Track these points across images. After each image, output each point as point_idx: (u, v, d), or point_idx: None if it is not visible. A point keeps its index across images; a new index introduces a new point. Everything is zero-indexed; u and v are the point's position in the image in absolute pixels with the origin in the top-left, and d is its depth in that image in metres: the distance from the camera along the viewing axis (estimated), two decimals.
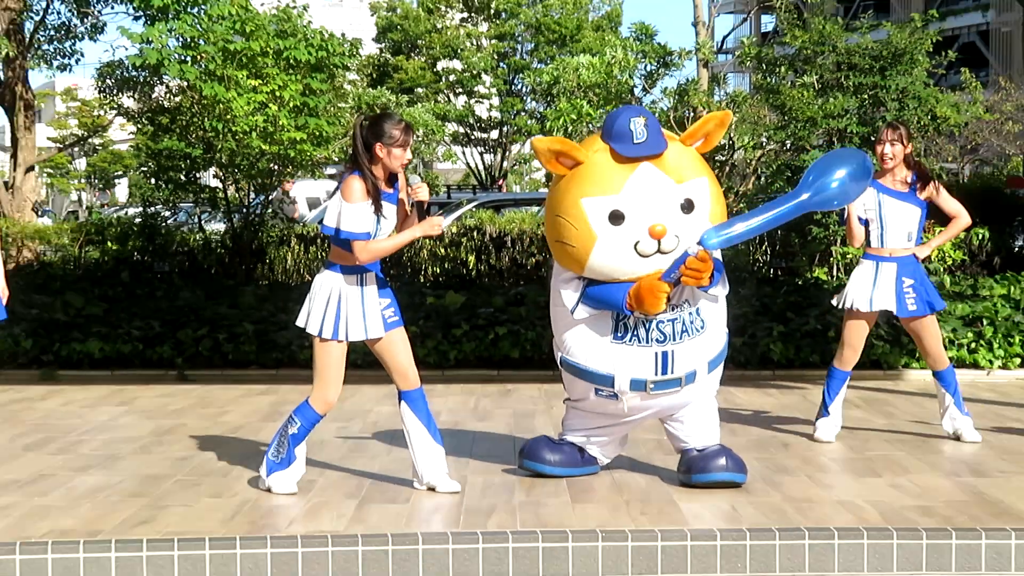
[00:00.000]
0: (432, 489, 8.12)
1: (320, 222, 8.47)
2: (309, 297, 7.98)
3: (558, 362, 8.49)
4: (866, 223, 9.87)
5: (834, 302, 10.14)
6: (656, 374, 8.05)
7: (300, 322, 8.01)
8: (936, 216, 10.24)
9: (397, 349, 8.10)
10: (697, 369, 8.14)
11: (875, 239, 9.88)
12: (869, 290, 9.76)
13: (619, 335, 8.08)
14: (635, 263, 7.85)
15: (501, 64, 47.50)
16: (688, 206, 7.83)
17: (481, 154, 50.10)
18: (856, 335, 9.96)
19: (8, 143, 25.35)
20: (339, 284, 7.89)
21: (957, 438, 10.00)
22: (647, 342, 8.03)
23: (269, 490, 8.09)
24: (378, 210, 7.74)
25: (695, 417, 8.35)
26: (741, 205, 19.01)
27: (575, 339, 8.27)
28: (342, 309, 7.85)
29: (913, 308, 9.76)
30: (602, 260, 7.92)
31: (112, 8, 24.96)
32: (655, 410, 8.33)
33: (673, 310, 7.98)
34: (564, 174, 8.09)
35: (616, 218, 7.82)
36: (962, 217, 10.09)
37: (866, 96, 18.40)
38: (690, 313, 8.07)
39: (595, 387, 8.23)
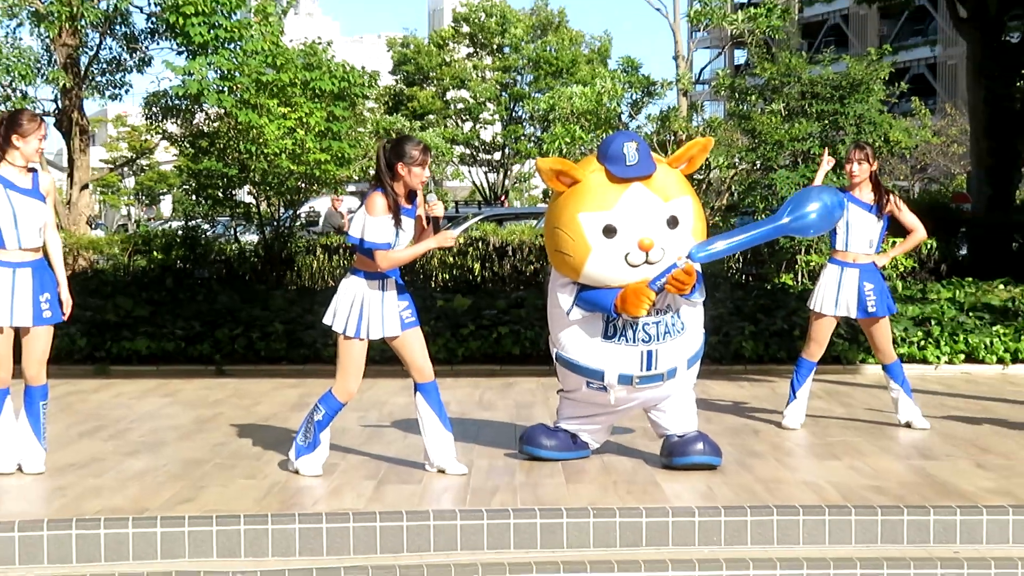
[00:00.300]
0: (442, 471, 8.13)
1: (346, 233, 8.48)
2: (335, 299, 7.99)
3: (553, 357, 8.49)
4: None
5: (809, 304, 10.14)
6: (641, 370, 8.08)
7: (327, 321, 8.02)
8: (895, 230, 10.22)
9: (413, 347, 8.13)
10: (678, 366, 8.17)
11: (840, 243, 9.89)
12: (835, 294, 9.78)
13: (609, 335, 8.10)
14: (625, 272, 7.87)
15: (503, 94, 47.54)
16: (673, 222, 7.86)
17: (485, 173, 50.16)
18: (822, 333, 9.99)
19: (65, 164, 25.32)
20: (362, 288, 7.91)
21: (908, 425, 10.01)
22: (634, 342, 8.05)
23: (297, 472, 8.10)
24: (398, 223, 7.77)
25: (675, 407, 8.37)
26: (716, 219, 19.02)
27: (569, 337, 8.29)
28: (364, 310, 7.87)
29: (872, 310, 9.78)
30: (596, 269, 7.94)
31: (158, 44, 24.98)
32: (639, 401, 8.38)
33: (657, 314, 8.01)
34: (563, 191, 8.11)
35: (609, 232, 7.85)
36: (919, 231, 10.11)
37: (827, 121, 18.43)
38: (672, 317, 8.09)
39: (587, 380, 8.25)
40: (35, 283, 7.87)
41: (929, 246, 17.62)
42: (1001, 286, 15.81)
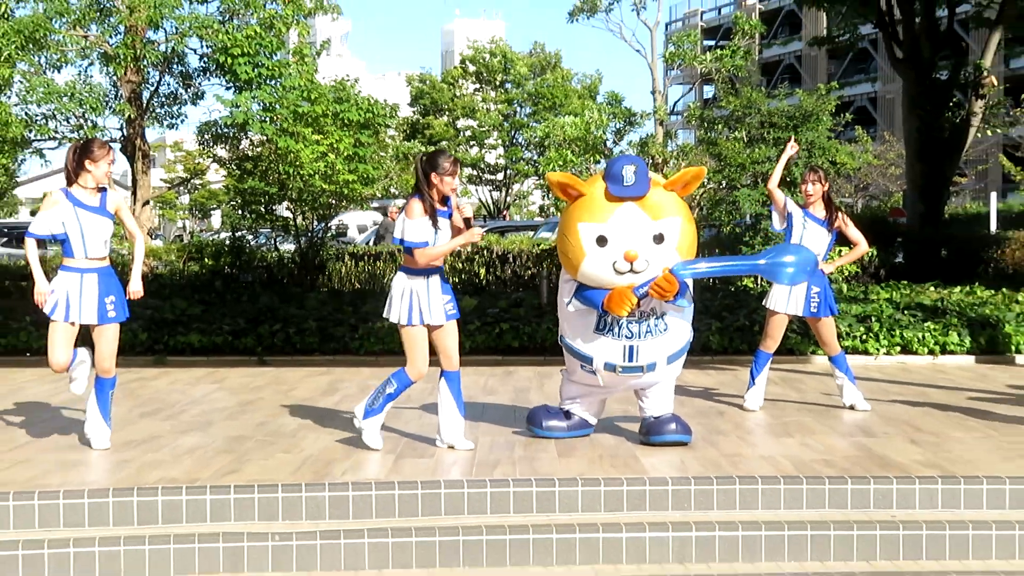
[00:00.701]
0: (451, 447, 8.15)
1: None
2: (389, 296, 8.08)
3: (559, 340, 8.62)
4: (787, 228, 9.96)
5: (764, 303, 10.14)
6: (623, 361, 8.12)
7: (386, 315, 8.10)
8: (843, 241, 10.23)
9: (449, 337, 8.18)
10: (657, 361, 8.15)
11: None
12: (787, 295, 9.78)
13: (600, 328, 8.15)
14: (613, 277, 7.91)
15: (505, 123, 47.55)
16: (659, 238, 7.89)
17: (490, 191, 50.19)
18: (776, 328, 9.99)
19: (130, 183, 25.35)
20: (410, 283, 7.98)
21: (852, 408, 10.01)
22: (618, 336, 8.09)
23: (360, 431, 8.12)
24: (435, 224, 7.88)
25: (656, 393, 8.39)
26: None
27: (570, 326, 8.42)
28: (414, 301, 7.94)
29: (815, 310, 9.82)
30: (589, 272, 8.00)
31: (209, 80, 25.00)
32: (625, 386, 8.43)
33: (640, 316, 8.04)
34: (570, 202, 8.21)
35: (601, 241, 7.91)
36: (862, 245, 10.19)
37: (782, 147, 18.43)
38: (656, 320, 8.10)
39: (581, 363, 8.32)
40: (100, 287, 7.94)
41: (870, 254, 17.63)
42: (931, 288, 15.82)
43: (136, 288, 8.19)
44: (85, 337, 8.10)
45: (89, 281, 7.92)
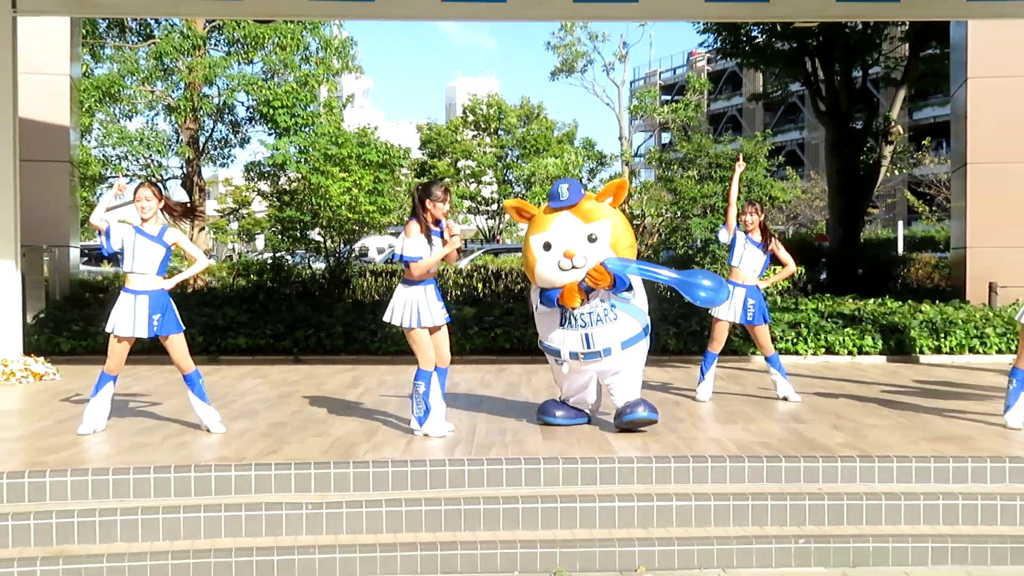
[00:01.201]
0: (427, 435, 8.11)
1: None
2: (392, 304, 8.06)
3: (539, 344, 8.62)
4: (732, 246, 10.03)
5: (710, 312, 10.16)
6: (583, 348, 8.11)
7: (386, 319, 8.06)
8: (776, 262, 10.24)
9: (442, 337, 8.18)
10: (611, 346, 8.09)
11: (735, 262, 10.03)
12: (727, 306, 9.82)
13: (562, 324, 8.16)
14: (559, 275, 8.02)
15: (498, 163, 47.51)
16: (592, 238, 8.00)
17: (485, 220, 50.14)
18: (719, 332, 10.03)
19: None
20: (410, 292, 7.97)
21: (785, 399, 10.01)
22: (576, 327, 8.09)
23: (427, 435, 8.03)
24: (430, 241, 7.92)
25: (621, 384, 8.29)
26: (649, 252, 19.05)
27: (541, 326, 8.43)
28: (416, 307, 7.93)
29: (751, 318, 9.90)
30: (541, 274, 8.13)
31: (254, 127, 25.08)
32: (592, 373, 8.32)
33: (590, 306, 8.05)
34: (525, 223, 8.41)
35: (547, 247, 8.06)
36: (790, 266, 10.24)
37: (727, 184, 18.46)
38: (604, 309, 8.07)
39: (555, 358, 8.32)
40: (150, 306, 7.99)
41: (800, 272, 17.66)
42: (850, 300, 15.83)
43: (167, 284, 8.19)
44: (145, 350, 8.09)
45: (141, 302, 7.97)
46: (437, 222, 8.02)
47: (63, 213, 15.95)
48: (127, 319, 7.95)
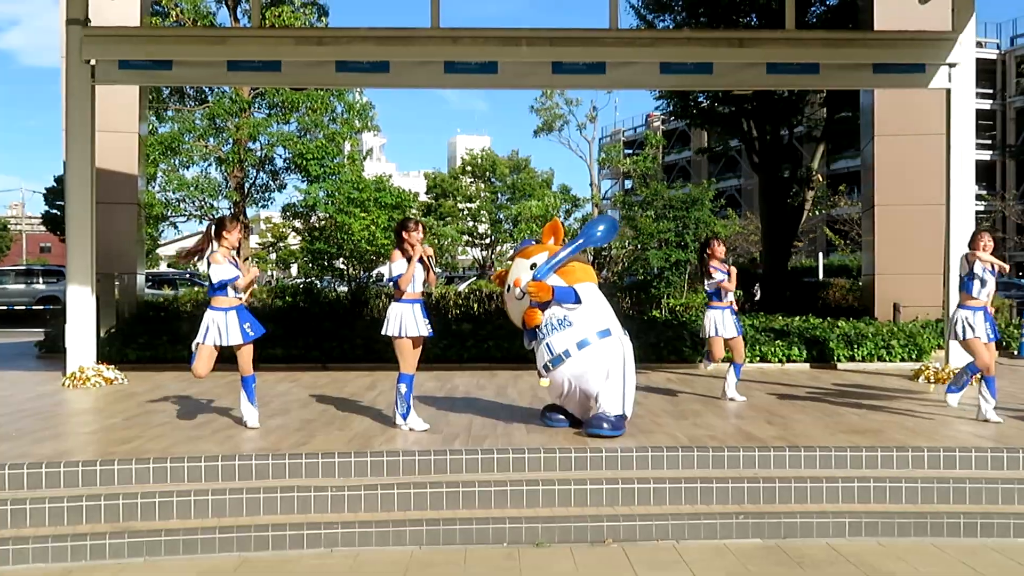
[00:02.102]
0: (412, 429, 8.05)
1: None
2: (386, 318, 8.01)
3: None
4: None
5: (702, 334, 10.14)
6: (548, 356, 7.89)
7: (384, 331, 8.01)
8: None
9: (419, 349, 8.12)
10: (568, 348, 7.83)
11: (717, 297, 9.99)
12: (720, 325, 9.89)
13: (539, 344, 8.02)
14: (517, 305, 8.12)
15: (492, 204, 47.50)
16: (532, 266, 8.03)
17: (480, 251, 50.10)
18: (717, 347, 9.98)
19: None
20: (400, 308, 7.95)
21: (732, 400, 9.96)
22: (541, 341, 7.97)
23: (411, 429, 7.98)
24: (410, 263, 7.92)
25: (602, 393, 7.84)
26: (615, 279, 19.04)
27: (534, 349, 8.19)
28: (403, 321, 7.90)
29: (734, 333, 9.93)
30: (509, 311, 8.36)
31: (289, 175, 25.10)
32: (568, 378, 7.90)
33: (545, 319, 7.93)
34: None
35: (508, 288, 8.21)
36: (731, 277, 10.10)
37: (679, 222, 18.49)
38: (559, 319, 7.89)
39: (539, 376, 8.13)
40: (240, 318, 8.05)
41: (738, 294, 17.64)
42: (780, 317, 15.81)
43: (246, 296, 8.26)
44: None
45: (232, 315, 8.02)
46: (412, 246, 7.99)
47: (131, 246, 15.89)
48: (221, 330, 7.99)
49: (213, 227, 8.15)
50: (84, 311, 11.59)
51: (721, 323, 9.93)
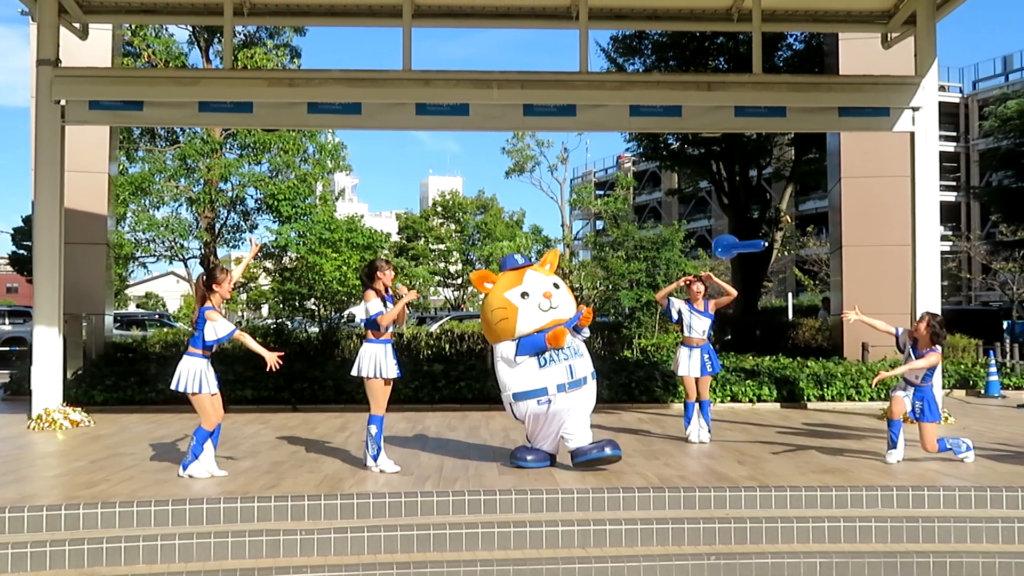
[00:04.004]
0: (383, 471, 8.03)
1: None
2: (358, 358, 8.00)
3: (510, 403, 8.14)
4: (679, 320, 10.02)
5: (676, 370, 10.15)
6: (568, 378, 7.98)
7: (355, 372, 8.00)
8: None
9: (390, 390, 8.11)
10: (587, 376, 8.09)
11: (686, 332, 9.98)
12: (688, 363, 9.90)
13: (542, 364, 7.97)
14: (540, 316, 7.96)
15: (462, 245, 47.56)
16: (556, 285, 8.11)
17: (452, 291, 50.06)
18: (689, 386, 9.98)
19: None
20: (374, 348, 7.97)
21: (702, 441, 9.95)
22: (560, 361, 7.96)
23: (383, 471, 7.94)
24: (384, 304, 7.99)
25: (576, 428, 8.08)
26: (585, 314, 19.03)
27: (518, 379, 8.03)
28: (376, 362, 7.92)
29: (710, 370, 9.93)
30: (524, 319, 7.97)
31: (261, 215, 25.02)
32: (569, 407, 8.01)
33: (568, 342, 8.01)
34: (487, 291, 8.24)
35: (524, 295, 8.01)
36: (732, 291, 10.21)
37: (649, 262, 18.59)
38: (576, 346, 8.09)
39: (536, 400, 7.99)
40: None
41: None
42: (750, 357, 15.90)
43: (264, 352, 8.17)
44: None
45: (210, 365, 8.04)
46: (387, 289, 8.07)
47: (99, 287, 15.75)
48: (210, 377, 7.99)
49: (204, 277, 8.07)
50: (50, 352, 11.47)
51: (686, 362, 9.94)
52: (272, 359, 7.91)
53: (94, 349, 15.48)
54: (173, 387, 7.83)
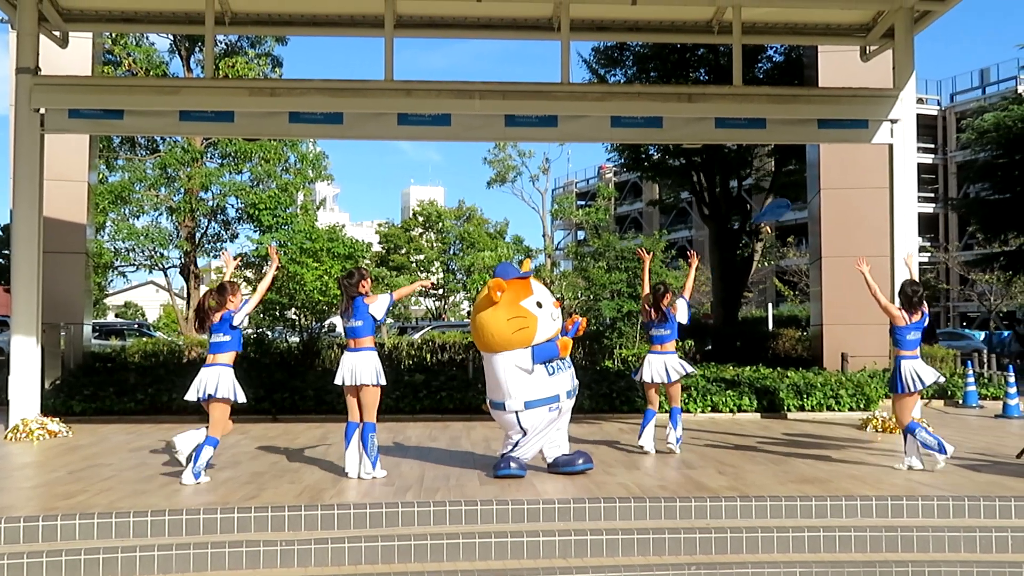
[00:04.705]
0: (360, 477, 8.12)
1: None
2: (366, 367, 8.08)
3: (516, 413, 8.06)
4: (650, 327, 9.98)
5: (637, 378, 10.12)
6: (572, 385, 8.21)
7: (372, 381, 8.06)
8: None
9: (369, 396, 8.16)
10: (578, 383, 8.35)
11: (657, 342, 9.84)
12: (652, 371, 9.76)
13: (551, 373, 8.05)
14: (552, 325, 8.10)
15: (443, 255, 47.52)
16: (561, 298, 8.16)
17: (433, 302, 49.98)
18: (651, 394, 9.92)
19: (185, 296, 25.03)
20: (374, 357, 8.14)
21: (669, 449, 9.93)
22: (566, 370, 8.15)
23: (374, 477, 8.08)
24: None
25: (560, 437, 8.38)
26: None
27: (528, 387, 8.01)
28: (380, 369, 8.14)
29: (674, 377, 9.76)
30: (542, 327, 8.03)
31: (242, 225, 24.94)
32: (566, 414, 8.31)
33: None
34: (499, 301, 8.02)
35: (539, 304, 8.09)
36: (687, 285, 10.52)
37: (630, 273, 18.64)
38: (566, 360, 8.26)
39: (549, 407, 8.05)
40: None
41: (689, 344, 17.77)
42: (730, 367, 15.96)
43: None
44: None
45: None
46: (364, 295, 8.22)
47: (78, 296, 15.66)
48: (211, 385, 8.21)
49: (213, 295, 8.20)
50: (28, 362, 11.39)
51: (651, 370, 9.78)
52: (274, 257, 8.45)
53: (72, 359, 15.38)
54: (212, 393, 8.07)
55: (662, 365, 9.76)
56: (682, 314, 9.98)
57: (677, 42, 19.92)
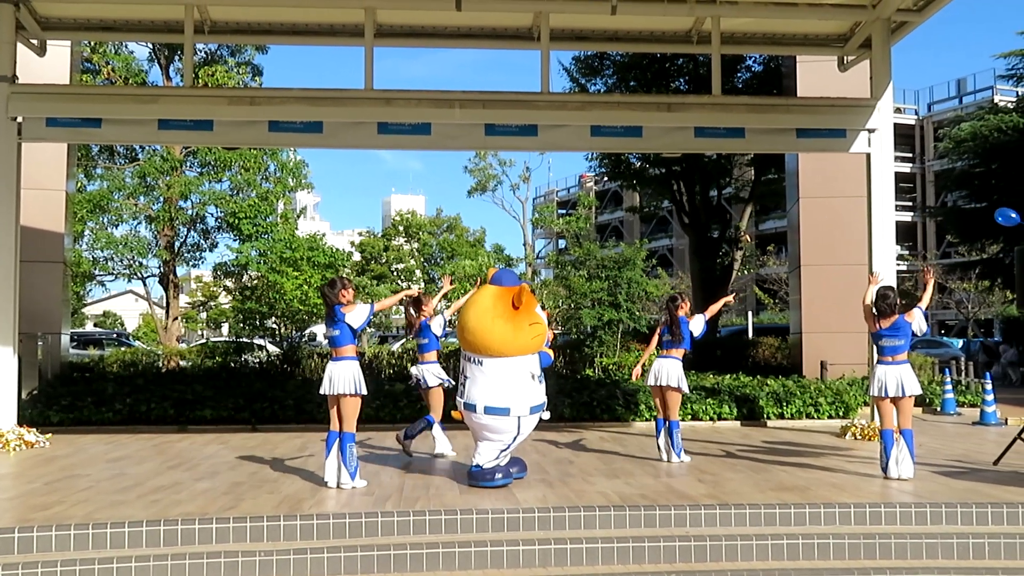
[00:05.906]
0: (339, 487, 8.07)
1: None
2: (347, 375, 8.05)
3: (518, 418, 8.02)
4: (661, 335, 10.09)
5: (643, 381, 10.23)
6: (543, 398, 8.21)
7: (351, 390, 8.05)
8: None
9: (347, 406, 8.13)
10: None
11: (665, 347, 10.00)
12: (656, 376, 9.86)
13: (541, 380, 8.15)
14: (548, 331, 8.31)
15: (424, 263, 47.46)
16: (544, 306, 8.24)
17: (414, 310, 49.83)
18: (658, 398, 10.01)
19: (164, 305, 24.90)
20: (355, 366, 8.12)
21: (668, 461, 9.95)
22: (541, 381, 8.17)
23: (354, 487, 8.03)
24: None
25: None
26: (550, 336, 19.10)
27: (533, 393, 8.07)
28: (359, 378, 8.12)
29: (673, 383, 9.81)
30: (535, 327, 8.12)
31: (221, 234, 24.82)
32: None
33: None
34: (519, 307, 7.99)
35: (542, 307, 8.31)
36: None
37: (611, 281, 18.68)
38: None
39: (539, 413, 8.15)
40: None
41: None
42: (711, 375, 16.01)
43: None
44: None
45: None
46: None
47: (56, 305, 15.54)
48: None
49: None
50: (5, 372, 11.29)
51: (655, 374, 9.91)
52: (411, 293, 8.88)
53: (50, 369, 15.27)
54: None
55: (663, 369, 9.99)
56: (697, 326, 10.12)
57: (657, 52, 20.00)
